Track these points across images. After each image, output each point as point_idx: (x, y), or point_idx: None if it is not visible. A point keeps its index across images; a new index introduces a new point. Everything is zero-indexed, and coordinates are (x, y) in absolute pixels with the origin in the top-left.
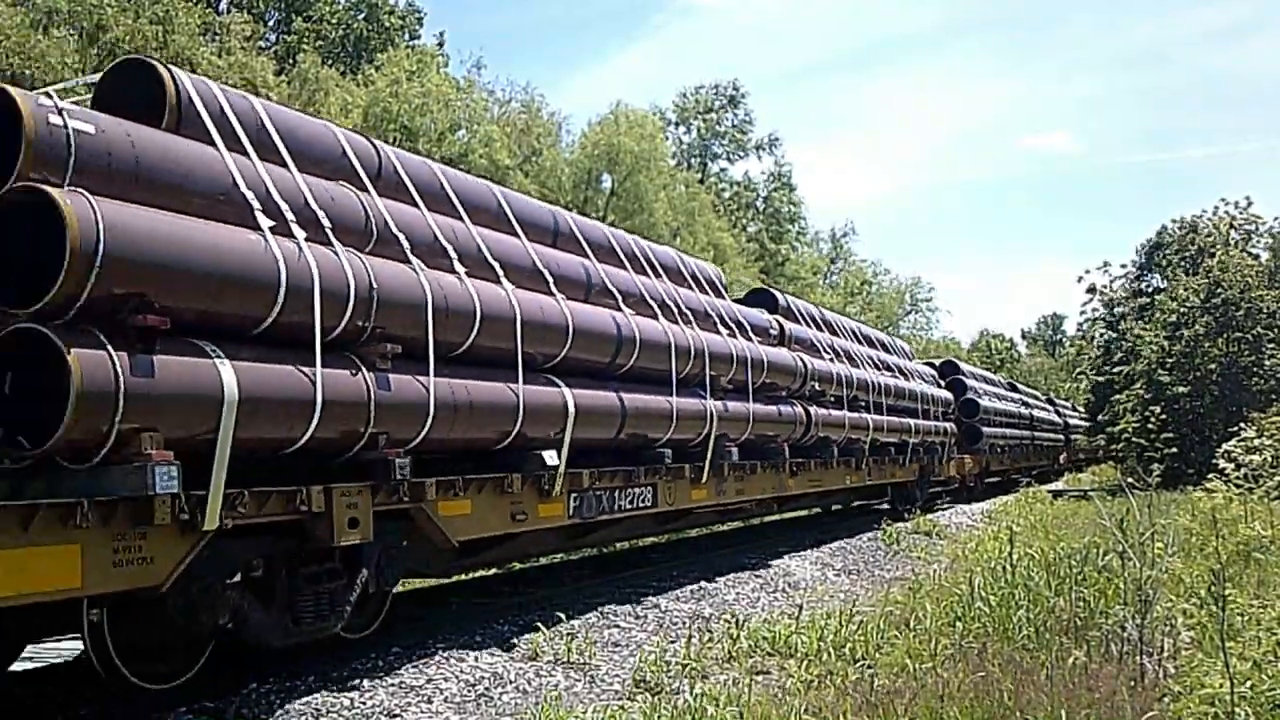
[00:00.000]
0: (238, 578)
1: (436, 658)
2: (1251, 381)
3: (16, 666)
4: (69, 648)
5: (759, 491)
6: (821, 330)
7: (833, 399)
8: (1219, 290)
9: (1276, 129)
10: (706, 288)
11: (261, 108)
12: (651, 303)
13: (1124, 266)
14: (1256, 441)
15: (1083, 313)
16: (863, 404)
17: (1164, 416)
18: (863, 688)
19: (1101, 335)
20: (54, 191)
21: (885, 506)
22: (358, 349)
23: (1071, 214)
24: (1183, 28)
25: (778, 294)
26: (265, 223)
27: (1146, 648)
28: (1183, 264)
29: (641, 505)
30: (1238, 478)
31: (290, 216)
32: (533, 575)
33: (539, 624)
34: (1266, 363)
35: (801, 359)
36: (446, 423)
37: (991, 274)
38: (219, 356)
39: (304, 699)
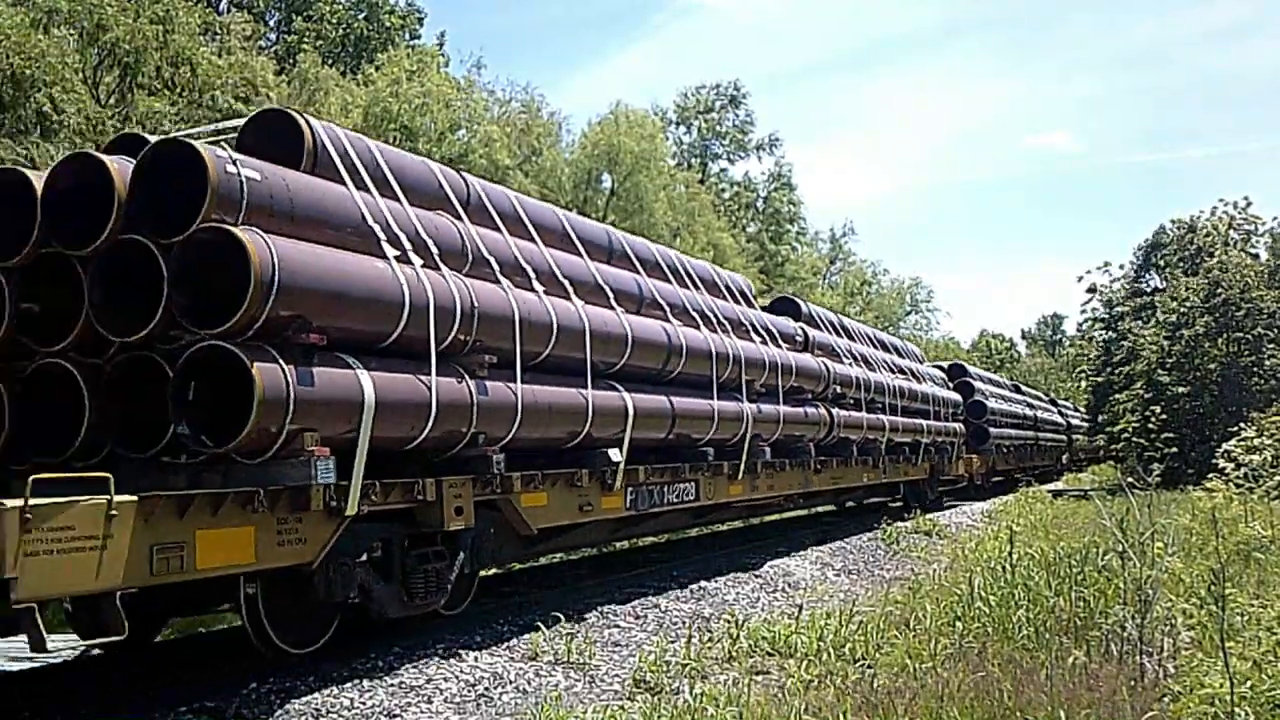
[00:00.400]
0: (364, 557)
1: (436, 658)
2: (1251, 381)
3: (15, 666)
4: (68, 649)
5: (787, 487)
6: (841, 336)
7: (852, 401)
8: (1219, 290)
9: (1276, 129)
10: (739, 297)
11: (376, 149)
12: (694, 314)
13: (1122, 267)
14: (1256, 441)
15: (1083, 313)
16: (879, 406)
17: (1164, 416)
18: (863, 688)
19: (1101, 335)
20: (238, 230)
21: (898, 504)
22: (461, 359)
23: (1071, 214)
24: (1183, 28)
25: (800, 302)
26: (390, 251)
27: (1146, 648)
28: (1181, 264)
29: (686, 499)
30: (1238, 477)
31: (407, 245)
32: (533, 575)
33: (539, 624)
34: (1266, 363)
35: (824, 364)
36: (530, 424)
37: (991, 274)
38: (359, 367)
39: (304, 699)
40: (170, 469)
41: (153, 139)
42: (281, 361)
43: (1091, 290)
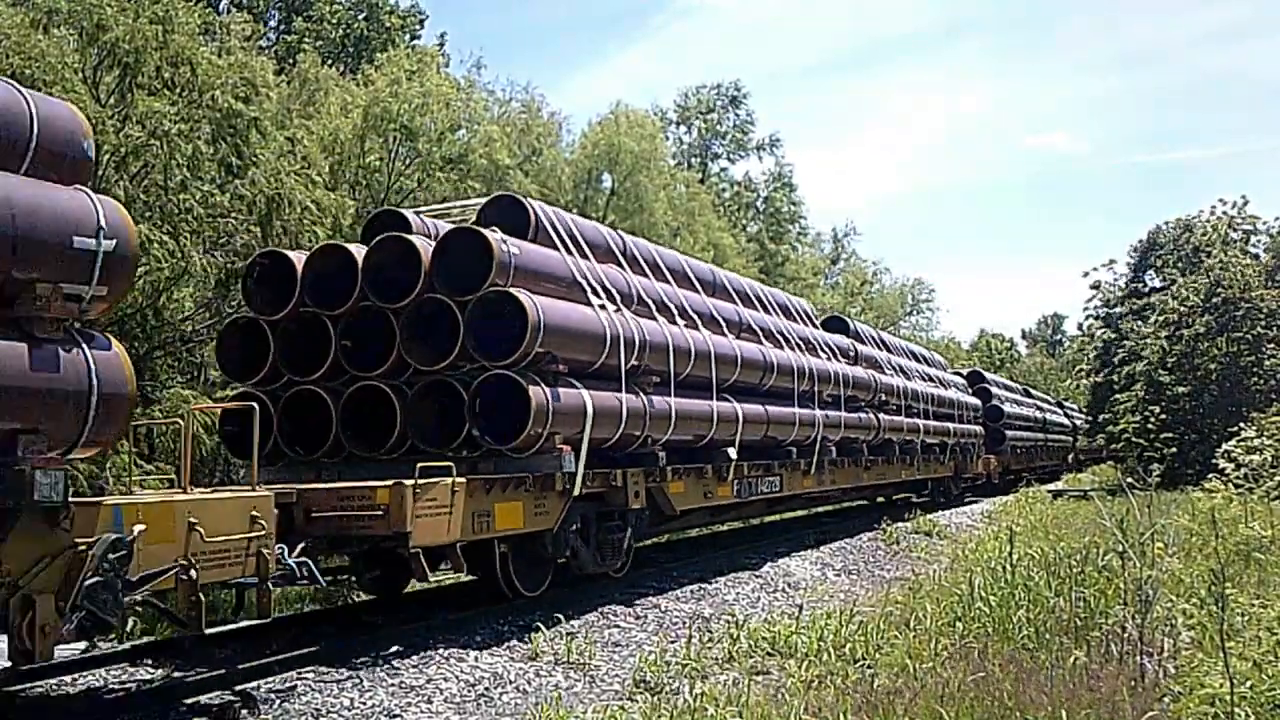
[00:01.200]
0: (575, 527)
1: (436, 658)
2: (1251, 381)
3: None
4: (68, 648)
5: (845, 482)
6: (882, 350)
7: (894, 407)
8: (1219, 290)
9: (1276, 129)
10: (804, 318)
11: (569, 219)
12: (777, 335)
13: (1125, 264)
14: (1256, 441)
15: (1085, 309)
16: (915, 411)
17: (1164, 416)
18: (863, 688)
19: (1101, 334)
20: (516, 291)
21: (925, 499)
22: (636, 379)
23: (1071, 214)
24: (1183, 28)
25: (849, 320)
26: (595, 300)
27: (1146, 648)
28: (1179, 264)
29: (773, 490)
30: (1238, 477)
31: (601, 293)
32: None
33: (539, 624)
34: (1266, 362)
35: (871, 375)
36: (680, 428)
37: (991, 274)
38: (581, 387)
39: (304, 699)
40: (454, 460)
41: (411, 214)
42: (542, 384)
43: (1095, 287)
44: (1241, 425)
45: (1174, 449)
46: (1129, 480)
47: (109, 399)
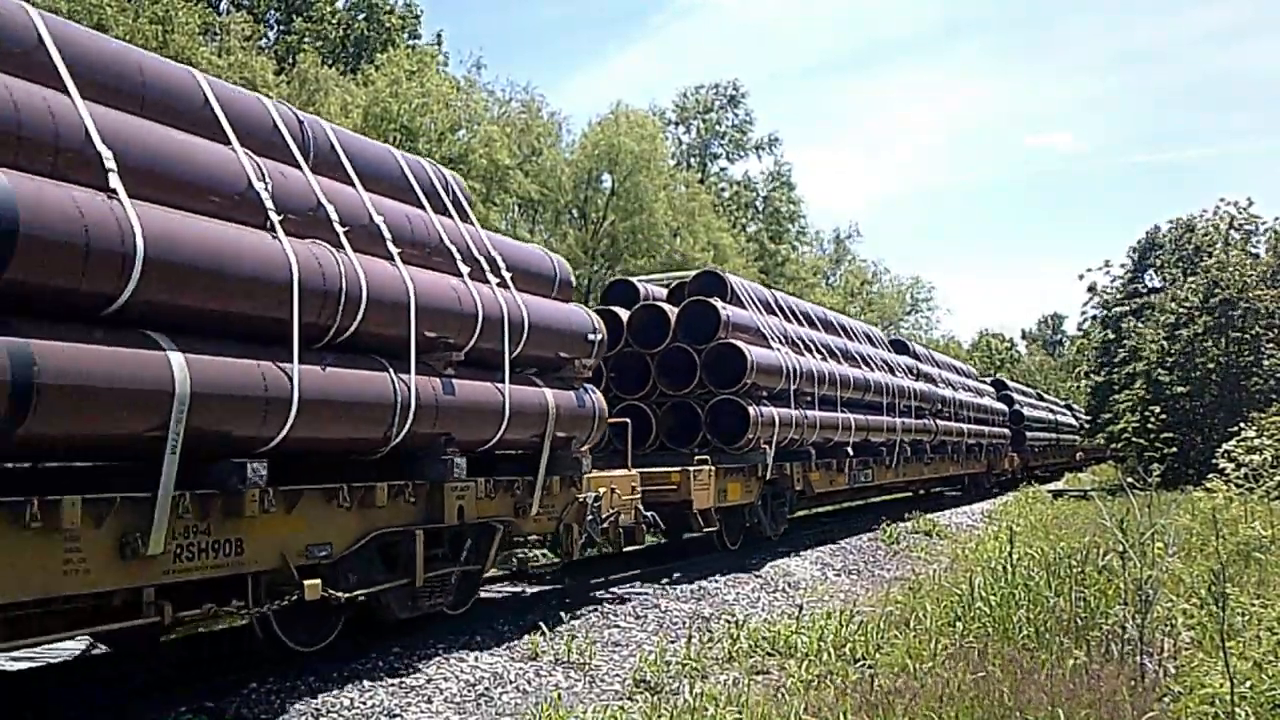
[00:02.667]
0: (760, 503)
1: (436, 658)
2: (1251, 381)
3: (16, 666)
4: (69, 649)
5: (912, 475)
6: (933, 366)
7: (946, 414)
8: (1218, 290)
9: (1277, 129)
10: (881, 345)
11: (751, 285)
12: (872, 361)
13: (1123, 265)
14: (1256, 441)
15: (1083, 312)
16: (960, 416)
17: (1164, 416)
18: (863, 688)
19: (1100, 335)
20: (737, 341)
21: (957, 492)
22: (797, 397)
23: (1071, 214)
24: (1183, 28)
25: (908, 342)
26: (776, 345)
27: (1146, 648)
28: (1179, 264)
29: (868, 480)
30: (1238, 477)
31: (777, 340)
32: (532, 575)
33: (539, 624)
34: (1265, 362)
35: (930, 388)
36: (821, 434)
37: (991, 274)
38: (770, 405)
39: (304, 699)
40: (684, 455)
41: (638, 283)
42: (757, 405)
43: (1092, 289)
44: (1241, 425)
45: (1174, 449)
46: (1129, 480)
47: (600, 418)
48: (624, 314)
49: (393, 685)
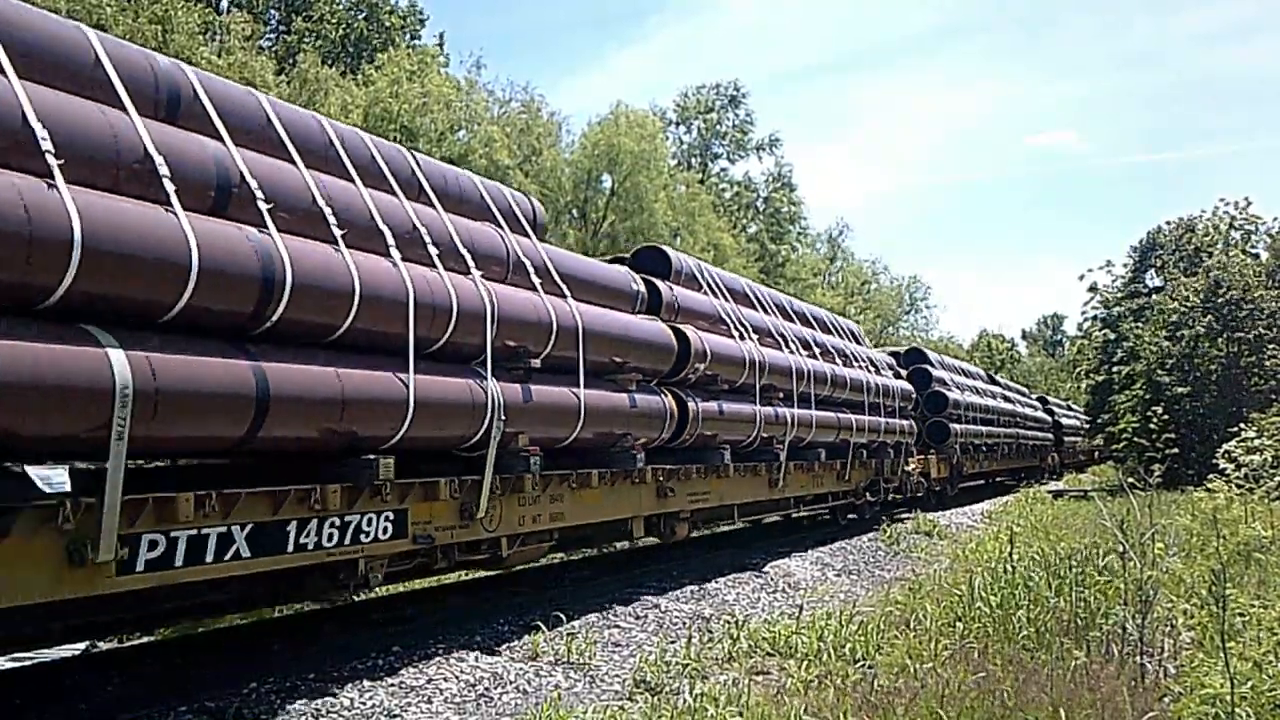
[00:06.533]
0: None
1: (436, 658)
2: (1252, 381)
3: (16, 666)
4: (69, 649)
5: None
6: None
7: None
8: (1219, 290)
9: (1277, 129)
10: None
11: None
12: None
13: (1123, 265)
14: (1257, 442)
15: (1083, 312)
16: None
17: (1164, 417)
18: (863, 688)
19: (1101, 335)
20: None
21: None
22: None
23: (1071, 214)
24: (1183, 28)
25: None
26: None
27: (1147, 648)
28: (1180, 264)
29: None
30: (1238, 478)
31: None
32: (533, 575)
33: (539, 624)
34: (1267, 363)
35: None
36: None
37: (991, 274)
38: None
39: (304, 699)
40: None
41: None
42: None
43: (1093, 289)
44: (1242, 425)
45: (1174, 449)
46: (1129, 480)
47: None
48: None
49: (393, 685)
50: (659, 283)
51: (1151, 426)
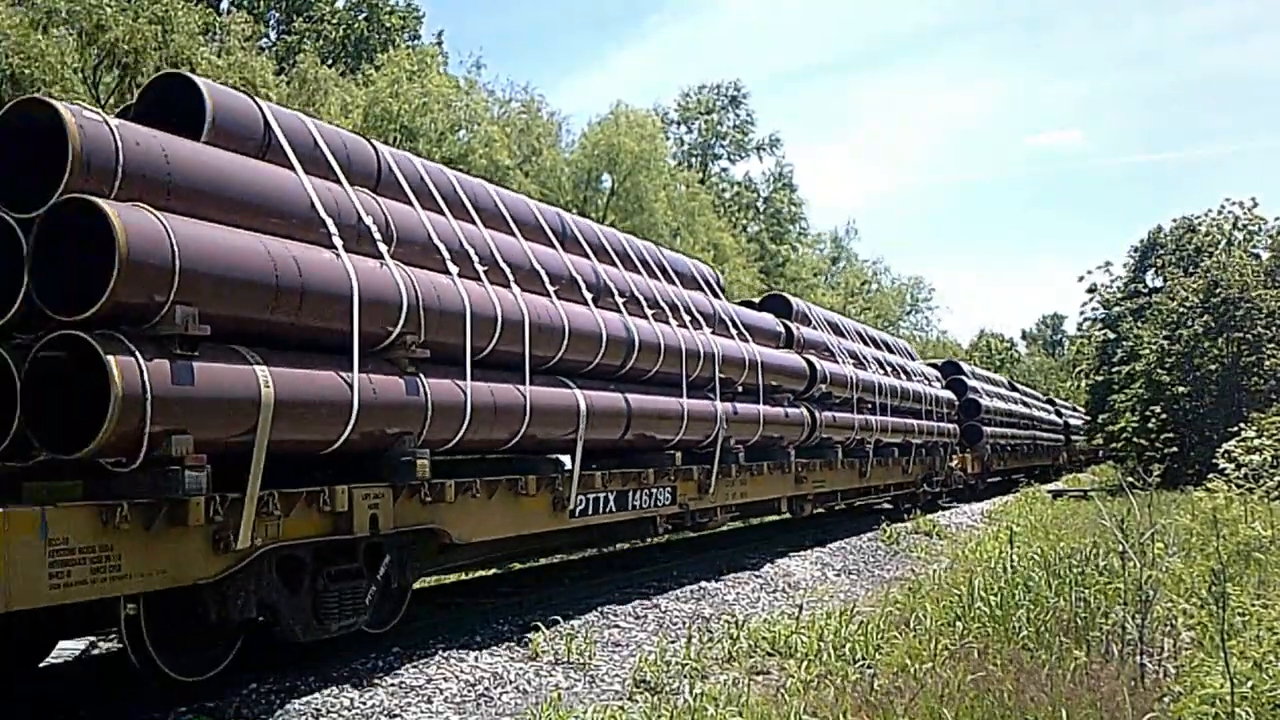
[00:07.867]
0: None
1: (436, 658)
2: (1251, 381)
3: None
4: (70, 648)
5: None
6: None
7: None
8: (1218, 290)
9: (1278, 129)
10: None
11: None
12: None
13: (1124, 265)
14: (1256, 441)
15: (1082, 313)
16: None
17: (1164, 416)
18: (863, 688)
19: (1100, 335)
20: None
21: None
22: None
23: (1071, 214)
24: (1183, 28)
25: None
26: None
27: (1147, 648)
28: (1180, 264)
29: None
30: (1238, 478)
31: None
32: (533, 575)
33: (539, 624)
34: (1266, 363)
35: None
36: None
37: (991, 274)
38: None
39: (304, 699)
40: None
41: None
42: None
43: (1092, 290)
44: (1241, 425)
45: (1174, 449)
46: (1129, 480)
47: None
48: None
49: (393, 685)
50: (789, 322)
51: (1151, 426)
